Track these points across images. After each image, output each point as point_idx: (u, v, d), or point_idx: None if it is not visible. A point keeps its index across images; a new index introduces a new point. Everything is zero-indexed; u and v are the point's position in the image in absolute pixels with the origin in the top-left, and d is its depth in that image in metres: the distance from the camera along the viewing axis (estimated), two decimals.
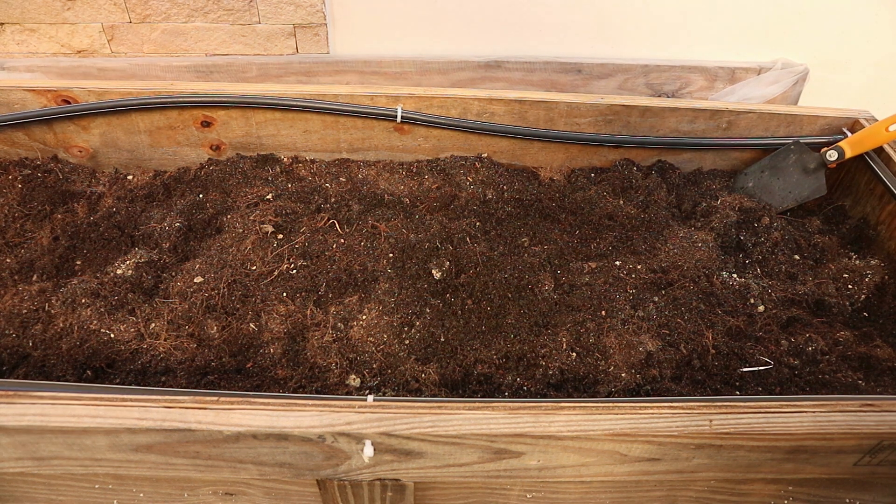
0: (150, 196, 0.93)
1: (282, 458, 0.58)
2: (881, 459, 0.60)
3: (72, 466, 0.60)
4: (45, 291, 0.76)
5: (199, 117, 0.96)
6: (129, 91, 0.93)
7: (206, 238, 0.86)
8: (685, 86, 1.28)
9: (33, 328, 0.72)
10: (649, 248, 0.86)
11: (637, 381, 0.69)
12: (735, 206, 0.92)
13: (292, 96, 0.94)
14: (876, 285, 0.82)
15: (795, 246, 0.88)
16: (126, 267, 0.79)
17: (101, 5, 1.14)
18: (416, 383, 0.68)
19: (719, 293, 0.79)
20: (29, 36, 1.18)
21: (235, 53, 1.22)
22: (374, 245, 0.84)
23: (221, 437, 0.56)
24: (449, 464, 0.59)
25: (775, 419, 0.57)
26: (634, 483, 0.66)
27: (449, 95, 0.96)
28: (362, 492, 0.64)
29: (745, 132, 1.00)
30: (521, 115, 0.98)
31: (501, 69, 1.24)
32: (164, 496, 0.69)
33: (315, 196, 0.92)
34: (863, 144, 0.91)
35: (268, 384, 0.68)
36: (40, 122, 0.94)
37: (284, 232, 0.85)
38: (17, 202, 0.89)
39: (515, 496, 0.69)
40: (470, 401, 0.59)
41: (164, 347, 0.70)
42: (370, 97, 0.96)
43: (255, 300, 0.76)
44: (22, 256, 0.83)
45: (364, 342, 0.72)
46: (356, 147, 1.01)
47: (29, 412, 0.55)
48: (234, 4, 1.14)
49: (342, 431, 0.55)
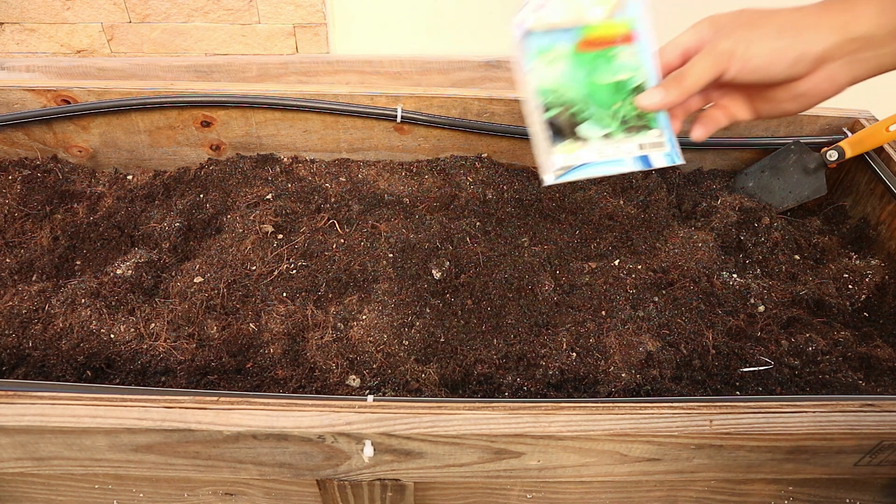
0: (150, 196, 0.93)
1: (282, 458, 0.58)
2: (882, 460, 0.60)
3: (71, 467, 0.60)
4: (45, 291, 0.76)
5: (198, 117, 0.96)
6: (128, 91, 0.93)
7: (205, 238, 0.86)
8: None
9: (33, 328, 0.72)
10: (649, 248, 0.86)
11: (637, 381, 0.69)
12: (735, 206, 0.92)
13: (292, 96, 0.94)
14: (876, 285, 0.82)
15: (796, 246, 0.88)
16: (126, 267, 0.79)
17: (100, 5, 1.14)
18: (416, 383, 0.68)
19: (719, 293, 0.79)
20: (28, 36, 1.18)
21: (235, 53, 1.22)
22: (374, 245, 0.84)
23: (221, 438, 0.56)
24: (449, 464, 0.59)
25: (775, 419, 0.57)
26: (634, 483, 0.66)
27: (449, 95, 0.96)
28: (362, 492, 0.64)
29: (746, 132, 1.00)
30: (521, 115, 0.98)
31: (501, 69, 1.24)
32: (163, 496, 0.69)
33: (315, 196, 0.92)
34: (863, 144, 0.91)
35: (268, 384, 0.68)
36: (40, 121, 0.94)
37: (284, 232, 0.85)
38: (17, 202, 0.88)
39: (515, 496, 0.69)
40: (470, 401, 0.59)
41: (163, 347, 0.70)
42: (370, 97, 0.95)
43: (255, 300, 0.76)
44: (22, 256, 0.83)
45: (364, 342, 0.72)
46: (356, 147, 1.01)
47: (28, 412, 0.55)
48: (234, 4, 1.14)
49: (342, 432, 0.55)
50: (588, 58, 0.54)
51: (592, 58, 0.54)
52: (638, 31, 0.56)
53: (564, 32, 0.53)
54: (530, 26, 0.52)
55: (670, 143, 0.55)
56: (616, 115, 0.54)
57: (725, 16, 0.53)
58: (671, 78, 0.53)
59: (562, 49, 0.53)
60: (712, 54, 0.51)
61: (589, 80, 0.54)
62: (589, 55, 0.54)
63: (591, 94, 0.54)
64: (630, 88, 0.55)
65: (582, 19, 0.54)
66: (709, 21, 0.54)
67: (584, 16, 0.54)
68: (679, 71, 0.53)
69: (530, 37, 0.52)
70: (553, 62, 0.53)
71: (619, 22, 0.55)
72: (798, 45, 0.48)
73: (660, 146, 0.55)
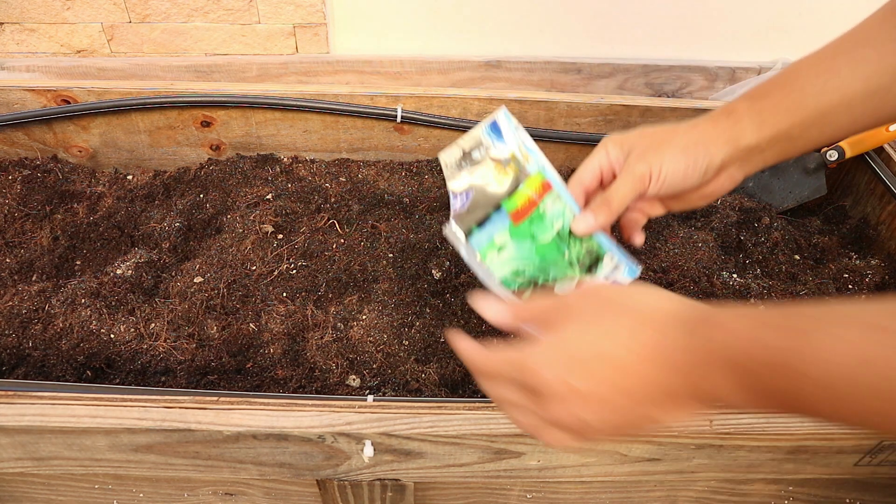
0: (150, 196, 0.93)
1: (282, 458, 0.58)
2: (881, 460, 0.60)
3: (71, 467, 0.60)
4: (45, 291, 0.76)
5: (198, 117, 0.96)
6: (128, 91, 0.93)
7: (205, 238, 0.86)
8: (685, 85, 1.28)
9: (33, 328, 0.72)
10: (649, 248, 0.86)
11: None
12: (735, 206, 0.92)
13: (292, 96, 0.94)
14: (876, 285, 0.82)
15: (796, 246, 0.88)
16: (126, 267, 0.79)
17: (100, 5, 1.13)
18: (416, 383, 0.68)
19: (719, 293, 0.79)
20: (28, 35, 1.18)
21: (235, 53, 1.22)
22: (374, 245, 0.84)
23: (221, 438, 0.56)
24: (449, 464, 0.59)
25: (776, 419, 0.57)
26: (634, 483, 0.66)
27: (449, 95, 0.96)
28: (362, 492, 0.64)
29: None
30: (520, 114, 0.98)
31: (501, 69, 1.24)
32: (163, 496, 0.69)
33: (315, 196, 0.92)
34: (863, 144, 0.91)
35: (268, 384, 0.68)
36: (40, 121, 0.94)
37: (284, 232, 0.85)
38: (17, 202, 0.88)
39: (515, 496, 0.69)
40: (470, 401, 0.59)
41: (163, 347, 0.70)
42: (370, 97, 0.95)
43: (255, 300, 0.76)
44: (21, 256, 0.83)
45: (364, 342, 0.72)
46: (356, 147, 1.01)
47: (28, 412, 0.55)
48: (233, 4, 1.14)
49: (342, 431, 0.55)
50: (525, 227, 0.56)
51: (528, 224, 0.56)
52: (548, 178, 0.58)
53: (495, 218, 0.55)
54: (464, 230, 0.53)
55: (623, 261, 0.56)
56: (571, 262, 0.56)
57: (628, 137, 0.57)
58: (599, 203, 0.56)
59: (502, 234, 0.55)
60: (631, 177, 0.54)
61: (536, 245, 0.56)
62: (525, 224, 0.56)
63: (544, 258, 0.56)
64: (568, 233, 0.56)
65: (496, 197, 0.55)
66: (612, 142, 0.57)
67: (497, 193, 0.56)
68: (604, 196, 0.55)
69: (470, 239, 0.53)
70: (502, 249, 0.54)
71: (532, 177, 0.57)
72: (703, 159, 0.54)
73: (618, 268, 0.56)
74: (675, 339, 0.38)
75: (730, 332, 0.36)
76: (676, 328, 0.38)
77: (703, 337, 0.37)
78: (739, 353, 0.35)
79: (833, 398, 0.32)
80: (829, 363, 0.31)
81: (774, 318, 0.35)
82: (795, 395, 0.33)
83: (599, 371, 0.38)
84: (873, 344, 0.30)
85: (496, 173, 0.55)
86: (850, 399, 0.31)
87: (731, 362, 0.35)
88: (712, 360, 0.36)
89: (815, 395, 0.32)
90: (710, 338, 0.37)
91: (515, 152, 0.57)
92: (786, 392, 0.33)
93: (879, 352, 0.30)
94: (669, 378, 0.37)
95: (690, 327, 0.38)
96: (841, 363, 0.31)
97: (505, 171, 0.56)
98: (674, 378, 0.37)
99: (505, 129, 0.57)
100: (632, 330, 0.39)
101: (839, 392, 0.31)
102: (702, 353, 0.36)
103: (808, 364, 0.32)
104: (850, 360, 0.30)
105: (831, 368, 0.31)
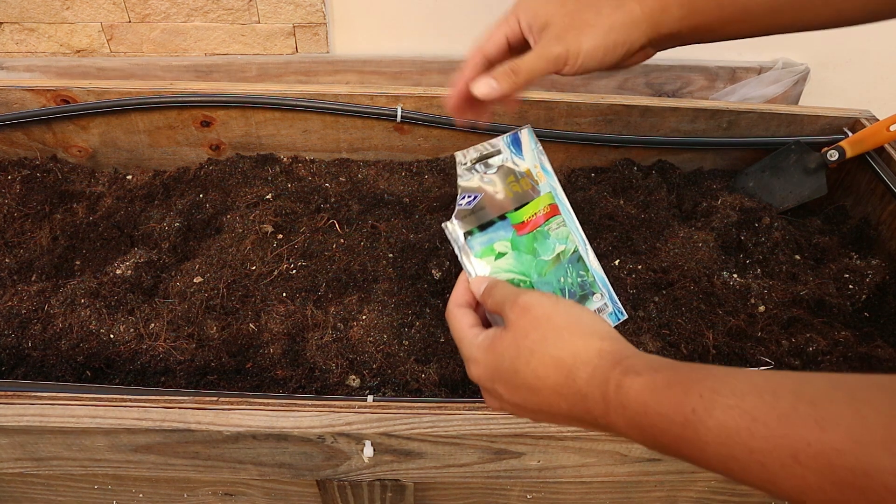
0: (150, 196, 0.93)
1: (281, 458, 0.58)
2: None
3: (71, 467, 0.60)
4: (45, 292, 0.76)
5: (198, 117, 0.96)
6: (128, 91, 0.93)
7: (205, 238, 0.86)
8: (686, 85, 1.28)
9: (32, 328, 0.72)
10: (650, 248, 0.86)
11: None
12: (736, 206, 0.92)
13: (292, 96, 0.94)
14: (877, 285, 0.82)
15: (796, 246, 0.88)
16: (125, 267, 0.79)
17: (100, 4, 1.13)
18: (415, 383, 0.68)
19: (720, 293, 0.79)
20: (28, 35, 1.18)
21: (235, 53, 1.22)
22: (373, 245, 0.84)
23: (221, 438, 0.56)
24: (449, 464, 0.59)
25: None
26: (634, 483, 0.66)
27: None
28: (362, 492, 0.64)
29: (746, 132, 1.00)
30: (521, 114, 0.97)
31: None
32: (163, 496, 0.68)
33: (315, 196, 0.92)
34: (864, 144, 0.91)
35: (267, 384, 0.68)
36: (39, 121, 0.94)
37: (284, 232, 0.85)
38: (17, 202, 0.88)
39: (515, 496, 0.69)
40: (470, 401, 0.59)
41: (163, 348, 0.70)
42: (370, 97, 0.95)
43: (255, 300, 0.76)
44: (21, 256, 0.83)
45: (364, 342, 0.72)
46: (356, 147, 1.01)
47: (28, 412, 0.55)
48: (233, 4, 1.14)
49: (342, 432, 0.55)
50: (528, 241, 0.55)
51: (532, 238, 0.55)
52: (557, 202, 0.57)
53: (498, 226, 0.54)
54: (465, 229, 0.53)
55: (612, 303, 0.56)
56: (563, 290, 0.56)
57: (546, 7, 0.54)
58: (505, 71, 0.54)
59: (503, 242, 0.55)
60: (546, 57, 0.53)
61: (536, 260, 0.55)
62: (528, 237, 0.55)
63: (541, 274, 0.56)
64: (567, 260, 0.56)
65: (503, 207, 0.55)
66: (525, 11, 0.55)
67: (504, 203, 0.55)
68: (513, 65, 0.53)
69: (469, 239, 0.53)
70: (500, 257, 0.54)
71: (542, 197, 0.57)
72: (623, 45, 0.53)
73: (604, 309, 0.56)
74: (583, 384, 0.41)
75: (632, 397, 0.38)
76: (590, 374, 0.41)
77: (609, 390, 0.39)
78: (640, 417, 0.38)
79: None
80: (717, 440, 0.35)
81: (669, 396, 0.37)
82: None
83: (518, 388, 0.44)
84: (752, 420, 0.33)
85: (508, 184, 0.55)
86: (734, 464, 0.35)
87: (633, 422, 0.38)
88: (614, 413, 0.39)
89: None
90: (615, 392, 0.39)
91: (531, 169, 0.57)
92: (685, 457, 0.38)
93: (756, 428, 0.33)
94: (574, 412, 0.42)
95: (600, 378, 0.40)
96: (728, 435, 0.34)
97: (517, 184, 0.56)
98: (578, 413, 0.41)
99: (525, 145, 0.57)
100: (556, 364, 0.42)
101: None
102: (602, 406, 0.39)
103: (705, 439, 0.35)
104: None
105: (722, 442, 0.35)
